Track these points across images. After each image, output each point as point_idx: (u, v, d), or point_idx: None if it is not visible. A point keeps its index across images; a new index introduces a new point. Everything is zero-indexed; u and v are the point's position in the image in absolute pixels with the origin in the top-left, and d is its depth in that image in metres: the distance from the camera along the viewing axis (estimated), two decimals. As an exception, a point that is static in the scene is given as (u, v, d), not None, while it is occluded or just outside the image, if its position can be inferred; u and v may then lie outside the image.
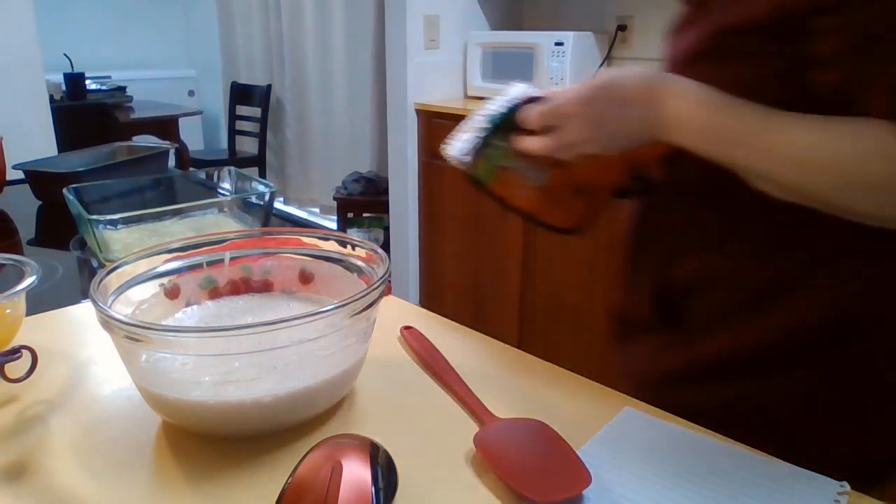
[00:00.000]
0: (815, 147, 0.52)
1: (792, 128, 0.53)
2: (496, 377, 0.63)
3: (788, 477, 0.49)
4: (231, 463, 0.51)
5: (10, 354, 0.56)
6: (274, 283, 0.68)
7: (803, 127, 0.53)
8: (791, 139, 0.53)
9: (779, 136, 0.53)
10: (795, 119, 0.54)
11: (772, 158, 0.54)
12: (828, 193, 0.53)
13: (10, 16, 1.98)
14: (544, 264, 2.24)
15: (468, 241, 2.44)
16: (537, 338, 2.33)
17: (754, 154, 0.55)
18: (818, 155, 0.52)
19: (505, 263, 2.33)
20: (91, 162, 1.35)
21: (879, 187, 0.51)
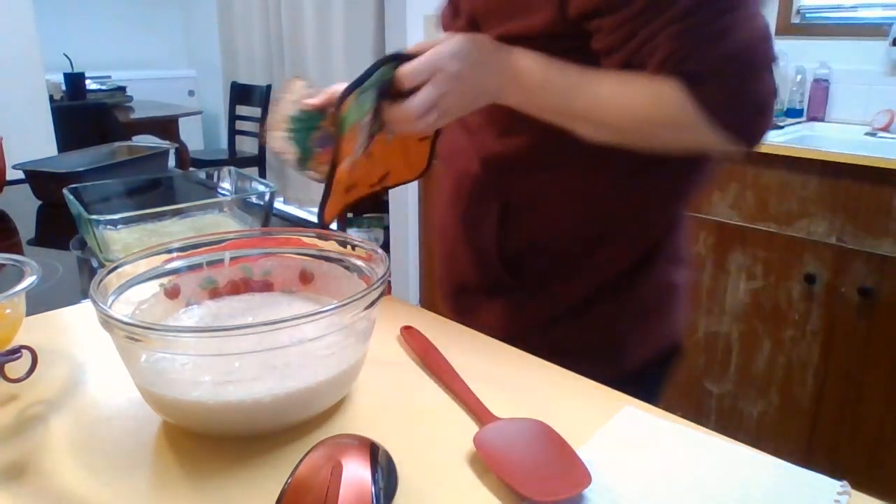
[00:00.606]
0: (620, 93, 0.66)
1: (605, 79, 0.67)
2: (496, 377, 0.63)
3: (788, 477, 0.49)
4: (231, 463, 0.51)
5: (10, 354, 0.56)
6: (274, 283, 0.68)
7: (613, 79, 0.67)
8: (605, 86, 0.67)
9: (597, 85, 0.67)
10: (607, 73, 0.67)
11: (592, 102, 0.67)
12: (631, 128, 0.67)
13: (10, 16, 1.98)
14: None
15: (468, 241, 2.44)
16: (537, 338, 2.32)
17: (579, 100, 0.67)
18: (622, 98, 0.66)
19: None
20: (91, 162, 1.35)
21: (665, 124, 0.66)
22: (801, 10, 2.28)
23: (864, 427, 1.76)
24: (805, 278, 1.78)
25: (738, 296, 1.93)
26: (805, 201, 1.77)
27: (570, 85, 0.67)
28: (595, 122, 0.68)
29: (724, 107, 0.64)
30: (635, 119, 0.66)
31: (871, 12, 2.16)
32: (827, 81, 2.19)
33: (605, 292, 0.79)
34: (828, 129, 2.14)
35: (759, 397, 1.94)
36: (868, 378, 1.73)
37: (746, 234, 1.88)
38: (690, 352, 2.07)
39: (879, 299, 1.68)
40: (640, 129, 0.67)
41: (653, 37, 0.63)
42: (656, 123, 0.66)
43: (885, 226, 1.65)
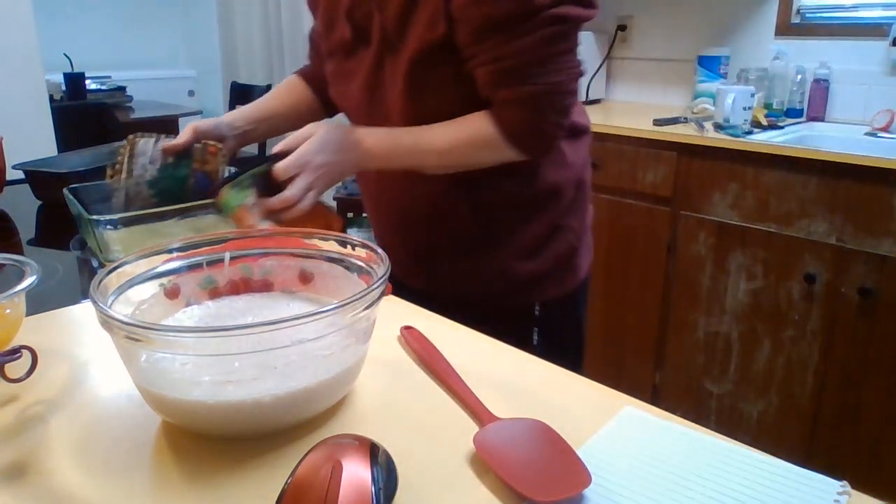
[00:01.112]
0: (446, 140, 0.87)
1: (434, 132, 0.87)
2: (496, 377, 0.63)
3: (788, 477, 0.49)
4: (231, 463, 0.51)
5: (10, 354, 0.56)
6: (274, 283, 0.68)
7: (440, 130, 0.87)
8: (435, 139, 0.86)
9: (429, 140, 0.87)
10: (434, 127, 0.87)
11: (428, 153, 0.87)
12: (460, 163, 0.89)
13: (10, 16, 1.98)
14: (544, 264, 2.23)
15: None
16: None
17: (418, 155, 0.88)
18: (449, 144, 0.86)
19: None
20: (91, 162, 1.34)
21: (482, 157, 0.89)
22: (801, 10, 2.28)
23: (864, 427, 1.76)
24: (805, 278, 1.78)
25: (738, 296, 1.93)
26: (805, 201, 1.77)
27: (409, 147, 0.87)
28: (434, 165, 0.89)
29: (518, 131, 0.86)
30: (462, 156, 0.88)
31: (871, 12, 2.16)
32: (827, 81, 2.19)
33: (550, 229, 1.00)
34: (828, 129, 2.14)
35: (758, 397, 1.94)
36: (868, 378, 1.73)
37: (746, 234, 1.88)
38: (690, 352, 2.07)
39: (879, 299, 1.68)
40: (465, 162, 0.89)
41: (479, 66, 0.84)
42: (476, 155, 0.88)
43: (885, 226, 1.65)
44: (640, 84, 2.71)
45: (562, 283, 1.01)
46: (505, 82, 0.83)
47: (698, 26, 2.49)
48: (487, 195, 0.95)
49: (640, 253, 2.14)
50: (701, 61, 2.41)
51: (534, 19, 0.79)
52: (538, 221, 0.97)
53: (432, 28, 0.83)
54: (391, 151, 0.86)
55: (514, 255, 0.97)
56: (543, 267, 0.98)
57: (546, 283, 0.99)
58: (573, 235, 1.01)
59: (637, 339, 2.20)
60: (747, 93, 1.99)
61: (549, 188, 0.96)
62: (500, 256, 0.97)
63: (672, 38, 2.58)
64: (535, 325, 1.01)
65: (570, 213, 1.00)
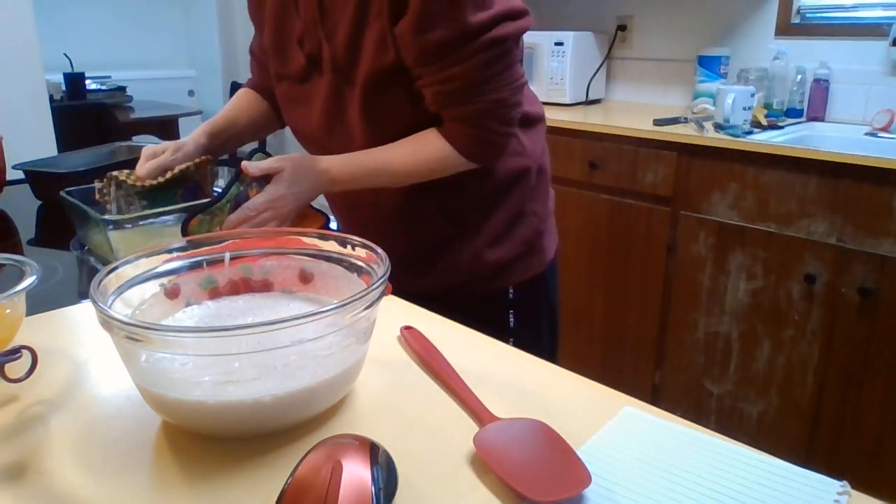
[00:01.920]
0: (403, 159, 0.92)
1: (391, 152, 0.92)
2: (496, 377, 0.63)
3: (788, 477, 0.49)
4: (231, 463, 0.51)
5: (10, 354, 0.56)
6: (274, 283, 0.68)
7: (397, 150, 0.92)
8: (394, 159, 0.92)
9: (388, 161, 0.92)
10: (393, 147, 0.92)
11: (388, 173, 0.92)
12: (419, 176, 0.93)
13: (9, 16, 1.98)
14: (544, 264, 2.23)
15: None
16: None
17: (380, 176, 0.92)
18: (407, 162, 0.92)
19: (505, 263, 2.33)
20: (91, 162, 1.35)
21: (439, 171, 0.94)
22: (801, 10, 2.28)
23: (864, 427, 1.76)
24: (805, 278, 1.78)
25: (738, 296, 1.93)
26: (805, 201, 1.77)
27: (371, 170, 0.92)
28: (397, 182, 0.95)
29: (464, 146, 0.92)
30: (422, 173, 0.93)
31: (871, 12, 2.16)
32: (827, 81, 2.19)
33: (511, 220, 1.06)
34: (828, 129, 2.14)
35: (759, 397, 1.94)
36: (868, 378, 1.73)
37: (746, 234, 1.88)
38: (690, 352, 2.07)
39: (879, 299, 1.68)
40: (427, 176, 0.94)
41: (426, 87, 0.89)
42: (436, 170, 0.93)
43: (885, 226, 1.65)
44: (640, 84, 2.71)
45: (530, 266, 1.06)
46: (450, 102, 0.90)
47: (698, 26, 2.49)
48: (452, 195, 0.99)
49: (640, 253, 2.14)
50: (701, 61, 2.41)
51: (471, 45, 0.85)
52: (503, 210, 1.02)
53: (381, 54, 0.87)
54: (354, 176, 0.92)
55: (484, 244, 1.02)
56: (512, 252, 1.04)
57: (515, 266, 1.05)
58: (537, 220, 1.06)
59: (637, 339, 2.20)
60: (747, 93, 1.99)
61: (510, 177, 1.01)
62: (470, 248, 1.02)
63: (672, 38, 2.58)
64: (510, 309, 1.06)
65: (533, 199, 1.05)
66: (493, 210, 1.02)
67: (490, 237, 1.02)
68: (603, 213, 2.19)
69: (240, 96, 1.18)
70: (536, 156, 1.05)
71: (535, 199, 1.06)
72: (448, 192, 0.99)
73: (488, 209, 1.02)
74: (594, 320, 2.29)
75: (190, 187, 0.98)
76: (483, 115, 0.90)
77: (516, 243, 1.04)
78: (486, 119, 0.91)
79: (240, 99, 1.18)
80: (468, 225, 1.02)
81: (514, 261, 1.05)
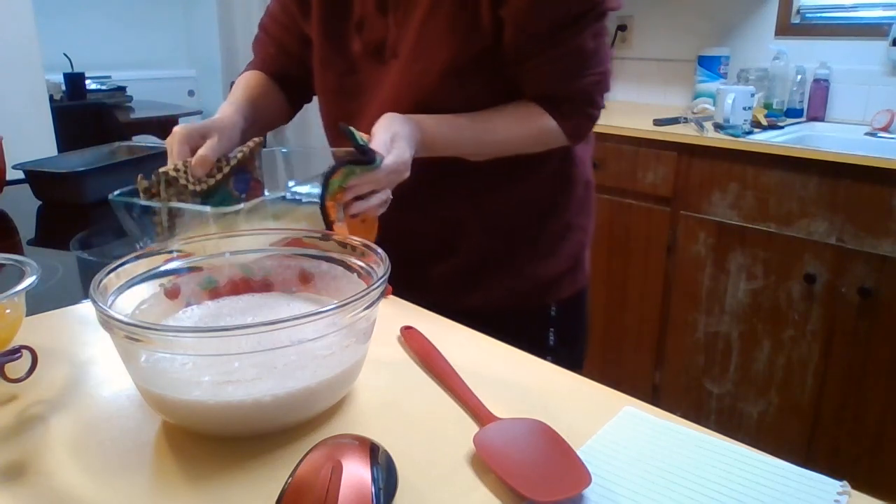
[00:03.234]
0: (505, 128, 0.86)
1: (493, 130, 0.86)
2: (496, 377, 0.63)
3: (788, 477, 0.49)
4: (231, 463, 0.51)
5: (10, 354, 0.56)
6: (274, 283, 0.68)
7: (496, 118, 0.86)
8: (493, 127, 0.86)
9: (484, 129, 0.86)
10: (490, 115, 0.86)
11: (484, 145, 0.87)
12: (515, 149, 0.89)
13: (9, 16, 1.98)
14: (544, 264, 2.23)
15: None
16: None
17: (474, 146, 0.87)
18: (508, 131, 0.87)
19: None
20: (91, 162, 1.35)
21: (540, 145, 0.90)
22: (801, 10, 2.28)
23: (864, 427, 1.76)
24: (805, 278, 1.78)
25: (738, 296, 1.93)
26: (805, 201, 1.77)
27: (468, 137, 0.85)
28: (491, 151, 0.88)
29: (571, 124, 0.88)
30: (521, 142, 0.88)
31: (871, 12, 2.16)
32: (827, 81, 2.19)
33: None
34: (828, 129, 2.14)
35: (759, 397, 1.94)
36: (868, 378, 1.73)
37: (746, 234, 1.88)
38: (690, 352, 2.07)
39: (879, 299, 1.68)
40: (526, 146, 0.89)
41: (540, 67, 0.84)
42: (534, 142, 0.89)
43: (885, 226, 1.65)
44: (640, 84, 2.71)
45: (574, 282, 1.02)
46: (563, 79, 0.85)
47: (698, 26, 2.49)
48: (500, 207, 0.94)
49: (640, 253, 2.14)
50: (701, 61, 2.41)
51: (587, 16, 0.81)
52: (553, 223, 0.98)
53: (465, 41, 0.82)
54: (450, 142, 0.85)
55: (533, 260, 0.97)
56: (559, 267, 0.99)
57: (562, 282, 1.00)
58: (583, 234, 1.02)
59: (637, 339, 2.20)
60: (747, 93, 1.99)
61: (560, 189, 0.98)
62: (518, 262, 0.97)
63: (672, 38, 2.58)
64: (550, 327, 1.01)
65: (581, 213, 1.01)
66: (544, 223, 0.98)
67: (539, 252, 0.98)
68: (603, 212, 2.19)
69: (250, 80, 1.02)
70: (586, 166, 1.01)
71: (583, 213, 1.02)
72: (496, 205, 0.94)
73: (539, 223, 0.97)
74: (594, 320, 2.29)
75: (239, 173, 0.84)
76: (593, 89, 0.87)
77: (564, 258, 0.99)
78: (594, 93, 0.87)
79: (251, 84, 1.02)
80: (516, 240, 0.97)
81: (561, 277, 1.00)
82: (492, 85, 0.87)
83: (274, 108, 1.03)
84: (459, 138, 0.85)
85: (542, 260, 0.98)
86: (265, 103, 1.00)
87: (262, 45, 1.06)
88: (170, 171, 0.74)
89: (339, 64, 0.92)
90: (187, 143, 0.79)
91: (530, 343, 0.70)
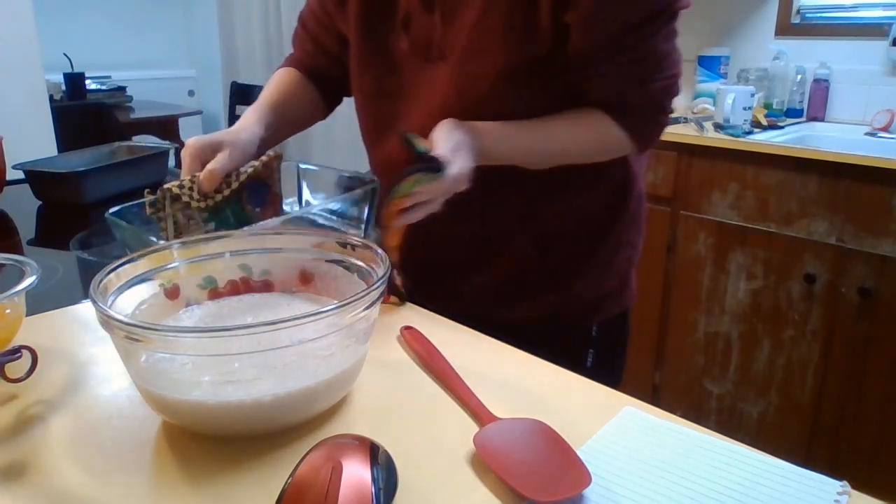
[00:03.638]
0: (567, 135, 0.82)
1: (552, 127, 0.81)
2: (496, 377, 0.63)
3: (788, 477, 0.49)
4: (231, 463, 0.51)
5: (10, 354, 0.56)
6: (274, 283, 0.68)
7: (559, 124, 0.81)
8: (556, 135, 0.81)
9: (545, 142, 0.81)
10: (552, 122, 0.81)
11: (544, 154, 0.82)
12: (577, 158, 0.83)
13: (9, 16, 1.97)
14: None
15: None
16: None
17: (533, 157, 0.82)
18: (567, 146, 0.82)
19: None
20: (91, 162, 1.35)
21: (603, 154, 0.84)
22: (801, 10, 2.28)
23: (864, 427, 1.76)
24: (805, 278, 1.78)
25: (738, 296, 1.93)
26: (805, 201, 1.77)
27: (525, 146, 0.80)
28: (549, 162, 0.83)
29: (640, 132, 0.83)
30: (581, 153, 0.83)
31: (871, 12, 2.16)
32: (827, 81, 2.19)
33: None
34: (828, 129, 2.14)
35: (759, 397, 1.94)
36: (868, 378, 1.73)
37: (746, 234, 1.88)
38: (690, 352, 2.07)
39: (879, 299, 1.68)
40: (589, 155, 0.84)
41: (610, 73, 0.79)
42: (599, 151, 0.84)
43: (885, 226, 1.65)
44: (640, 84, 2.71)
45: (620, 302, 0.96)
46: (634, 84, 0.80)
47: (698, 26, 2.48)
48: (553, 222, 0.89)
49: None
50: (701, 61, 2.41)
51: (660, 17, 0.76)
52: (605, 239, 0.92)
53: (523, 44, 0.76)
54: (513, 151, 0.80)
55: (579, 277, 0.91)
56: (606, 287, 0.94)
57: (606, 302, 0.95)
58: (633, 250, 0.96)
59: (637, 338, 2.20)
60: (747, 93, 1.99)
61: (613, 204, 0.92)
62: (563, 279, 0.91)
63: (672, 38, 2.57)
64: (590, 347, 0.95)
65: (632, 229, 0.95)
66: (593, 240, 0.91)
67: (586, 269, 0.91)
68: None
69: (283, 79, 0.98)
70: (641, 179, 0.95)
71: (635, 229, 0.96)
72: (548, 216, 0.88)
73: (588, 238, 0.91)
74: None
75: (255, 188, 0.81)
76: (663, 95, 0.81)
77: (612, 277, 0.94)
78: (664, 99, 0.81)
79: (283, 82, 0.97)
80: (563, 254, 0.90)
81: (606, 297, 0.94)
82: (549, 91, 0.80)
83: (306, 108, 0.99)
84: (519, 147, 0.80)
85: (588, 278, 0.92)
86: (295, 104, 0.96)
87: (299, 41, 1.01)
88: (173, 188, 0.73)
89: (377, 65, 0.87)
90: (198, 158, 0.77)
91: (567, 361, 0.67)
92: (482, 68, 0.78)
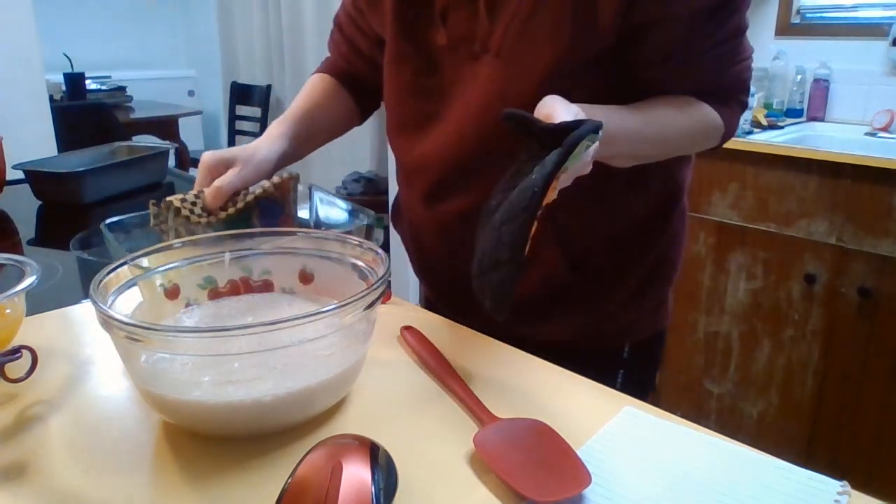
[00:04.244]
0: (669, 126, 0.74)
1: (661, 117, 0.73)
2: (496, 377, 0.63)
3: (788, 477, 0.49)
4: (231, 463, 0.51)
5: (10, 354, 0.56)
6: (274, 283, 0.68)
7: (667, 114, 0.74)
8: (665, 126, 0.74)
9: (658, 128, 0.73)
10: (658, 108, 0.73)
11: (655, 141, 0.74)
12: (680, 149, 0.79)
13: (10, 16, 1.97)
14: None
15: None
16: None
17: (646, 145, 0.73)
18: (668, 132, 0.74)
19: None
20: (91, 162, 1.35)
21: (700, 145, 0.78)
22: (801, 10, 2.28)
23: (864, 427, 1.76)
24: (805, 278, 1.78)
25: (738, 296, 1.93)
26: (805, 201, 1.77)
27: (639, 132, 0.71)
28: (658, 152, 0.76)
29: (730, 118, 0.77)
30: (682, 140, 0.76)
31: (871, 12, 2.16)
32: (827, 81, 2.19)
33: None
34: (828, 129, 2.14)
35: (759, 397, 1.94)
36: (868, 378, 1.73)
37: (746, 234, 1.88)
38: (690, 352, 2.07)
39: (879, 299, 1.68)
40: (683, 146, 0.78)
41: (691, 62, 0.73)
42: (695, 138, 0.77)
43: (885, 226, 1.65)
44: (640, 84, 2.71)
45: (655, 323, 0.90)
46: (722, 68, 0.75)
47: (698, 26, 2.48)
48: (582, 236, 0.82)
49: (640, 253, 2.14)
50: (701, 61, 2.41)
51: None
52: (644, 260, 0.85)
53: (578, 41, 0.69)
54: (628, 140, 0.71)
55: (613, 296, 0.85)
56: (642, 308, 0.88)
57: (641, 323, 0.89)
58: (672, 269, 0.89)
59: (637, 339, 2.20)
60: (747, 93, 1.99)
61: (657, 219, 0.85)
62: (596, 297, 0.85)
63: (672, 38, 2.57)
64: (620, 368, 0.89)
65: (674, 245, 0.88)
66: (633, 256, 0.84)
67: (621, 288, 0.85)
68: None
69: (315, 86, 0.94)
70: (685, 192, 0.88)
71: (675, 246, 0.88)
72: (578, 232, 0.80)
73: (628, 253, 0.84)
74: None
75: (267, 207, 0.78)
76: (747, 74, 0.77)
77: (649, 297, 0.87)
78: (748, 78, 0.77)
79: (315, 89, 0.93)
80: (600, 270, 0.83)
81: (642, 317, 0.88)
82: (608, 90, 0.73)
83: (339, 116, 0.95)
84: (632, 130, 0.71)
85: (624, 298, 0.85)
86: (327, 112, 0.93)
87: (335, 44, 0.96)
88: (175, 202, 0.72)
89: (415, 61, 0.80)
90: (211, 173, 0.74)
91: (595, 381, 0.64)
92: (531, 66, 0.71)
